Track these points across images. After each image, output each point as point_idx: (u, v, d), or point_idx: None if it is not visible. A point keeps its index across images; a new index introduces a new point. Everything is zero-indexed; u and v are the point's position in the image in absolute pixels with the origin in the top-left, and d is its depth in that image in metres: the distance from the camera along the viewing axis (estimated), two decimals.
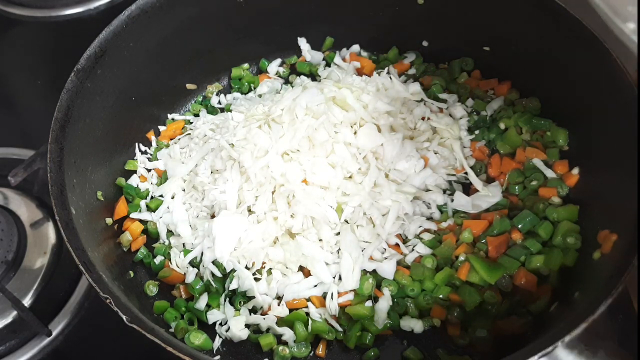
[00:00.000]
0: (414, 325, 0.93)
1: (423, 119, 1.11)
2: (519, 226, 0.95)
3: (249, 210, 0.99)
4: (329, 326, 0.93)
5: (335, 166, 0.98)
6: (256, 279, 0.96)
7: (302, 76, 1.24)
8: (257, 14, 1.17)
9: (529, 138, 1.07)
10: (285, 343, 0.93)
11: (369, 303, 0.93)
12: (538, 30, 1.00)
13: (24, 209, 1.12)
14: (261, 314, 0.95)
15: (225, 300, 0.97)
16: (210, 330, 0.95)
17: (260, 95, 1.22)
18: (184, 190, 1.07)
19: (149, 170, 1.12)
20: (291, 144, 0.97)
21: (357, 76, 1.17)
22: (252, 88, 1.25)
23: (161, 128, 1.18)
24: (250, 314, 0.95)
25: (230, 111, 1.14)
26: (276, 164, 0.96)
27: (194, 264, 1.00)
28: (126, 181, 1.08)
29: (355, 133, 1.01)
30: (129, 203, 1.06)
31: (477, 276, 0.91)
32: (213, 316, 0.95)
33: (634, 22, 0.91)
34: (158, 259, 1.01)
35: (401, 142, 1.01)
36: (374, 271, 0.96)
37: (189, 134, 1.17)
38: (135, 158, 1.13)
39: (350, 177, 0.99)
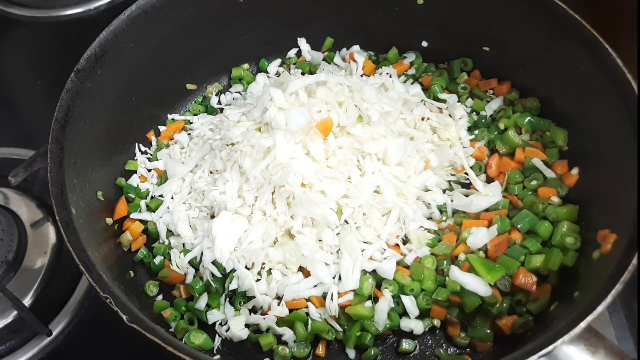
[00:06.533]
0: (414, 325, 0.93)
1: (423, 119, 1.11)
2: (519, 226, 0.95)
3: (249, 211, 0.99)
4: (328, 326, 0.93)
5: (334, 168, 0.97)
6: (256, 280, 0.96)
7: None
8: (257, 14, 1.18)
9: (529, 138, 1.07)
10: (285, 343, 0.93)
11: (368, 303, 0.93)
12: (538, 30, 1.00)
13: (24, 209, 1.12)
14: (261, 314, 0.95)
15: (225, 300, 0.97)
16: (210, 330, 0.95)
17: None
18: (184, 190, 1.07)
19: (149, 170, 1.13)
20: (289, 148, 0.96)
21: (357, 76, 1.18)
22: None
23: (161, 128, 1.19)
24: (250, 314, 0.95)
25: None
26: (275, 168, 0.96)
27: (194, 264, 1.01)
28: (126, 181, 1.09)
29: (353, 136, 1.00)
30: (129, 203, 1.06)
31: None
32: (213, 316, 0.95)
33: None
34: (158, 259, 1.01)
35: (405, 145, 1.01)
36: (374, 271, 0.96)
37: (189, 134, 1.17)
38: (135, 158, 1.13)
39: (349, 178, 0.99)
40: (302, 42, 1.27)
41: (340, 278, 0.95)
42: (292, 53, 1.28)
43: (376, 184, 0.98)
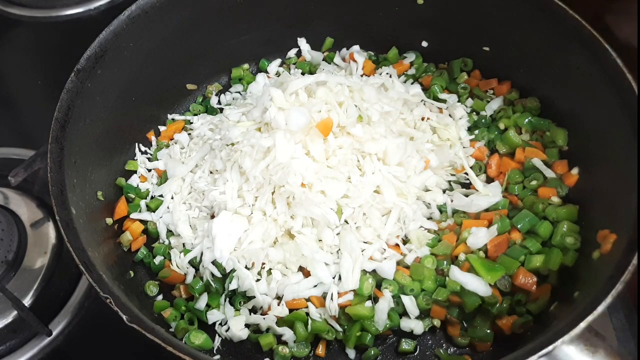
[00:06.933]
0: (414, 325, 0.93)
1: (423, 119, 1.11)
2: (519, 226, 0.95)
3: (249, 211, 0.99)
4: (328, 326, 0.93)
5: (334, 168, 0.97)
6: (256, 280, 0.96)
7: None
8: (257, 14, 1.18)
9: (529, 138, 1.07)
10: (285, 343, 0.93)
11: (368, 303, 0.93)
12: (538, 30, 1.00)
13: (24, 209, 1.12)
14: (261, 314, 0.95)
15: (225, 300, 0.97)
16: (210, 330, 0.95)
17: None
18: (184, 190, 1.07)
19: (149, 170, 1.13)
20: (289, 148, 0.96)
21: (357, 76, 1.17)
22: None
23: (161, 128, 1.19)
24: (250, 314, 0.95)
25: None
26: (275, 168, 0.96)
27: (194, 264, 1.01)
28: (126, 181, 1.09)
29: (353, 136, 1.00)
30: (129, 203, 1.06)
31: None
32: (213, 316, 0.95)
33: None
34: (158, 259, 1.01)
35: (405, 145, 1.01)
36: (374, 271, 0.96)
37: (189, 134, 1.17)
38: (135, 158, 1.13)
39: (349, 178, 0.99)
40: (302, 42, 1.27)
41: (340, 278, 0.95)
42: (292, 53, 1.28)
43: (376, 184, 0.98)
